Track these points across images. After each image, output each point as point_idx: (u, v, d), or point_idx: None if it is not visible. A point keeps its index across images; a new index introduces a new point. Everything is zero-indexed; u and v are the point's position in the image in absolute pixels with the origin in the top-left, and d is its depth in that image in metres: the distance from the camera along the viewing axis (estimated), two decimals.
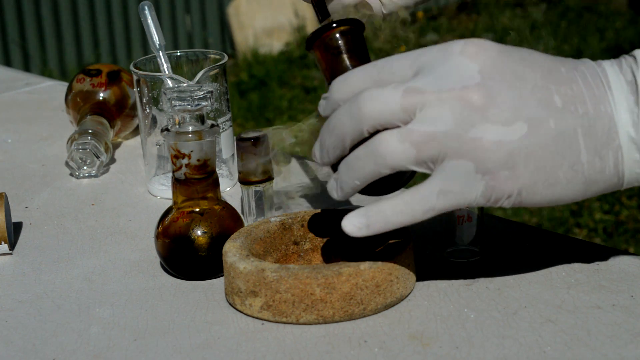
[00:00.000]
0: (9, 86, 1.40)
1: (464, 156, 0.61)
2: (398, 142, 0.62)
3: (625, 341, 0.64)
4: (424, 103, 0.61)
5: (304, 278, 0.68)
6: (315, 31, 0.72)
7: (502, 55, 0.63)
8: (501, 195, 0.62)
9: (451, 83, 0.61)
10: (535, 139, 0.61)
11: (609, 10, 5.07)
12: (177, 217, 0.77)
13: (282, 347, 0.66)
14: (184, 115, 0.75)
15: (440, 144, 0.61)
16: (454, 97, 0.61)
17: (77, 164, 1.01)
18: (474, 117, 0.61)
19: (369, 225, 0.64)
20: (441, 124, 0.61)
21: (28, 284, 0.79)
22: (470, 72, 0.62)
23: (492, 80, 0.62)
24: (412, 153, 0.62)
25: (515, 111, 0.61)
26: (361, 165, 0.63)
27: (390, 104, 0.62)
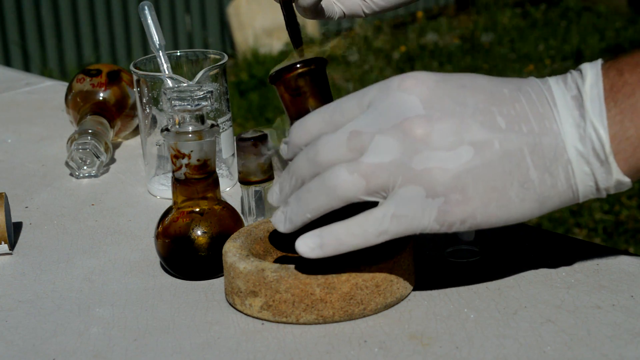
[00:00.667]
0: (9, 86, 1.40)
1: (414, 182, 0.63)
2: (347, 174, 0.63)
3: (625, 341, 0.64)
4: (368, 141, 0.63)
5: (304, 278, 0.68)
6: (277, 70, 0.74)
7: (440, 84, 0.64)
8: (454, 219, 0.63)
9: (392, 118, 0.63)
10: (481, 161, 0.62)
11: (609, 10, 5.08)
12: (177, 217, 0.77)
13: (282, 347, 0.66)
14: (184, 115, 0.75)
15: (388, 172, 0.63)
16: (396, 130, 0.63)
17: (77, 164, 1.01)
18: (417, 145, 0.62)
19: (322, 245, 0.65)
20: (387, 155, 0.63)
21: (28, 284, 0.79)
22: (409, 104, 0.63)
23: (431, 109, 0.63)
24: (361, 184, 0.63)
25: (457, 135, 0.62)
26: (312, 198, 0.65)
27: (340, 147, 0.64)
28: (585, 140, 0.62)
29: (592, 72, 0.63)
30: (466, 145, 0.62)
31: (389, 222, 0.64)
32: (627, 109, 0.62)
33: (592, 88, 0.63)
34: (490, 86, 0.64)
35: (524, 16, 5.20)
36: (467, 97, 0.63)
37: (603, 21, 4.90)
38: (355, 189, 0.63)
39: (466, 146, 0.62)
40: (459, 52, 4.49)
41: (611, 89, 0.62)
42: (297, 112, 0.72)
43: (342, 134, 0.64)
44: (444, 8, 5.50)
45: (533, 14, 5.19)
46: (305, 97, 0.73)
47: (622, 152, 0.62)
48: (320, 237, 0.65)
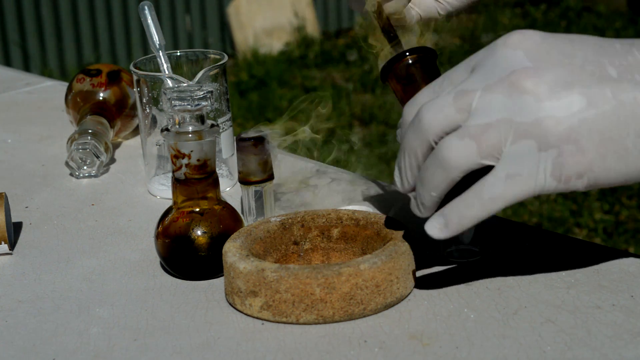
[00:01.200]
0: (9, 86, 1.40)
1: (525, 136, 0.61)
2: (458, 140, 0.62)
3: (625, 341, 0.64)
4: (475, 99, 0.62)
5: (304, 278, 0.68)
6: (387, 63, 0.74)
7: (547, 39, 0.63)
8: (571, 172, 0.61)
9: (498, 73, 0.62)
10: (594, 111, 0.60)
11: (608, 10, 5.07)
12: (177, 217, 0.77)
13: (282, 347, 0.66)
14: (184, 115, 0.75)
15: (498, 130, 0.61)
16: (502, 85, 0.61)
17: (77, 164, 1.01)
18: (526, 98, 0.61)
19: (447, 223, 0.64)
20: (495, 112, 0.61)
21: (28, 284, 0.79)
22: (515, 58, 0.62)
23: (539, 62, 0.61)
24: (473, 147, 0.62)
25: (567, 85, 0.61)
26: (431, 175, 0.64)
27: (445, 108, 0.63)
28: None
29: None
30: (577, 94, 0.60)
31: (504, 185, 0.62)
32: None
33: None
34: (600, 41, 0.62)
35: (524, 16, 5.20)
36: (575, 50, 0.62)
37: (603, 21, 4.90)
38: (468, 154, 0.62)
39: (577, 96, 0.60)
40: (459, 52, 4.49)
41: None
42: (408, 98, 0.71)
43: (448, 96, 0.63)
44: None
45: (533, 14, 5.19)
46: (417, 85, 0.73)
47: None
48: (442, 215, 0.64)
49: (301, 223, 0.78)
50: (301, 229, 0.78)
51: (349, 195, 0.93)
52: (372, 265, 0.69)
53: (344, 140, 0.91)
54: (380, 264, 0.69)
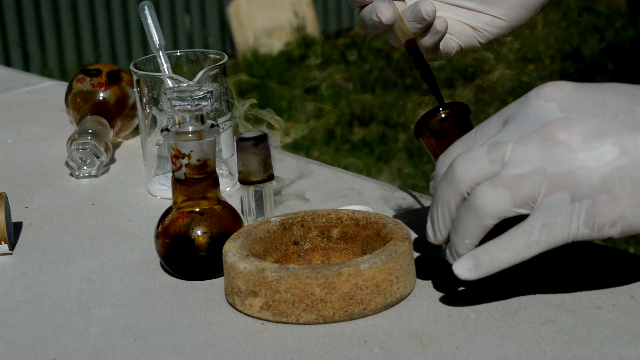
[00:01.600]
0: (9, 86, 1.40)
1: (559, 188, 0.62)
2: (492, 190, 0.63)
3: (625, 341, 0.64)
4: (508, 150, 0.63)
5: (304, 278, 0.68)
6: (420, 118, 0.76)
7: (578, 89, 0.63)
8: (604, 221, 0.62)
9: (532, 125, 0.63)
10: (627, 159, 0.61)
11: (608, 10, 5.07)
12: (177, 217, 0.77)
13: (282, 347, 0.66)
14: (184, 115, 0.75)
15: (532, 181, 0.62)
16: (536, 136, 0.62)
17: (77, 164, 1.01)
18: (559, 149, 0.62)
19: (477, 265, 0.65)
20: (528, 163, 0.62)
21: (28, 284, 0.79)
22: (547, 110, 0.63)
23: (571, 112, 0.62)
24: (507, 197, 0.63)
25: (599, 135, 0.61)
26: (464, 223, 0.64)
27: (478, 160, 0.64)
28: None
29: None
30: (609, 144, 0.61)
31: (539, 233, 0.63)
32: None
33: None
34: (631, 89, 0.63)
35: None
36: (607, 98, 0.63)
37: (603, 21, 4.90)
38: (502, 203, 0.63)
39: (610, 145, 0.61)
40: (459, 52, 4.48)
41: None
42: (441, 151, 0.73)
43: (482, 148, 0.64)
44: None
45: None
46: (450, 139, 0.74)
47: None
48: (474, 257, 0.65)
49: (301, 223, 0.78)
50: (301, 229, 0.78)
51: (348, 195, 0.93)
52: (372, 265, 0.69)
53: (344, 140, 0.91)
54: (380, 264, 0.69)
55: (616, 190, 0.61)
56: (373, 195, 0.92)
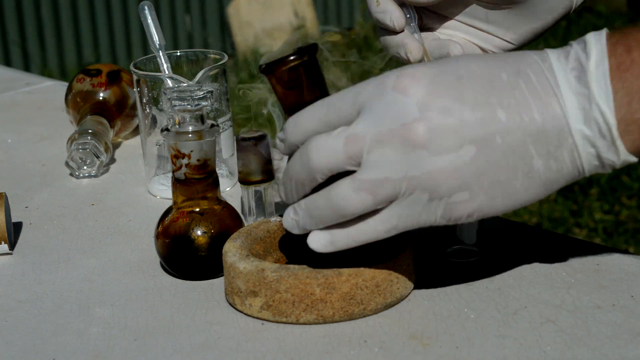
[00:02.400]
0: (9, 86, 1.40)
1: (418, 189, 0.62)
2: (354, 193, 0.63)
3: (625, 341, 0.64)
4: (366, 148, 0.63)
5: (304, 278, 0.68)
6: (268, 63, 0.71)
7: (436, 81, 0.62)
8: (460, 215, 0.63)
9: (389, 122, 0.62)
10: (484, 158, 0.61)
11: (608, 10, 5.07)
12: (177, 217, 0.77)
13: (282, 347, 0.66)
14: (184, 115, 0.75)
15: (393, 184, 0.62)
16: (394, 137, 0.62)
17: (77, 164, 1.01)
18: (417, 152, 0.62)
19: (333, 242, 0.66)
20: (388, 166, 0.62)
21: (28, 284, 0.79)
22: (406, 107, 0.62)
23: (429, 111, 0.62)
24: (369, 199, 0.63)
25: (458, 135, 0.61)
26: (322, 215, 0.65)
27: (336, 153, 0.63)
28: (590, 123, 0.60)
29: (597, 47, 0.61)
30: (467, 144, 0.61)
31: (397, 221, 0.64)
32: (635, 89, 0.59)
33: (598, 66, 0.60)
34: (487, 73, 0.62)
35: None
36: (464, 91, 0.62)
37: (603, 21, 4.90)
38: (364, 205, 0.63)
39: (467, 145, 0.61)
40: None
41: (618, 67, 0.60)
42: (292, 105, 0.70)
43: (338, 139, 0.63)
44: None
45: None
46: (299, 90, 0.71)
47: (629, 134, 0.60)
48: (331, 234, 0.66)
49: None
50: None
51: None
52: (372, 265, 0.69)
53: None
54: (380, 264, 0.69)
55: (473, 188, 0.62)
56: None
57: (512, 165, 0.62)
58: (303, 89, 0.70)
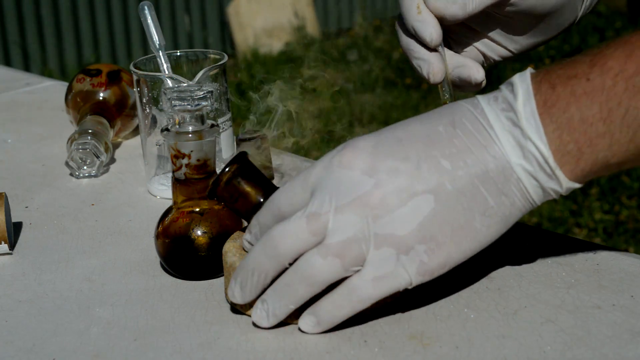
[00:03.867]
0: (9, 86, 1.40)
1: (384, 245, 0.64)
2: (321, 259, 0.64)
3: (625, 341, 0.64)
4: (329, 220, 0.64)
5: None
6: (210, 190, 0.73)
7: (377, 148, 0.65)
8: (434, 266, 0.64)
9: (344, 196, 0.64)
10: (440, 207, 0.64)
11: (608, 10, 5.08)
12: (177, 217, 0.77)
13: (282, 347, 0.66)
14: (184, 115, 0.75)
15: (358, 243, 0.64)
16: (353, 206, 0.64)
17: (77, 164, 1.01)
18: (376, 212, 0.64)
19: (319, 322, 0.67)
20: (352, 229, 0.64)
21: (28, 284, 0.79)
22: (355, 181, 0.64)
23: (378, 174, 0.64)
24: (337, 263, 0.64)
25: (410, 190, 0.64)
26: (293, 291, 0.66)
27: (300, 233, 0.65)
28: (529, 158, 0.64)
29: (522, 87, 0.64)
30: (421, 197, 0.64)
31: (372, 287, 0.64)
32: (563, 123, 0.63)
33: (525, 106, 0.63)
34: (424, 130, 0.65)
35: None
36: (407, 151, 0.65)
37: (603, 21, 4.90)
38: (333, 270, 0.64)
39: (422, 197, 0.64)
40: None
41: (545, 104, 0.63)
42: (249, 210, 0.72)
43: (300, 220, 0.65)
44: None
45: None
46: (245, 196, 0.72)
47: (566, 164, 0.63)
48: (314, 314, 0.67)
49: None
50: None
51: None
52: None
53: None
54: None
55: (438, 236, 0.64)
56: None
57: (468, 207, 0.64)
58: (248, 193, 0.72)
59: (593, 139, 0.62)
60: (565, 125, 0.62)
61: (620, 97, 0.61)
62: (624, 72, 0.61)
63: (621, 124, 0.61)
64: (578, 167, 0.63)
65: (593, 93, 0.62)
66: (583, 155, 0.63)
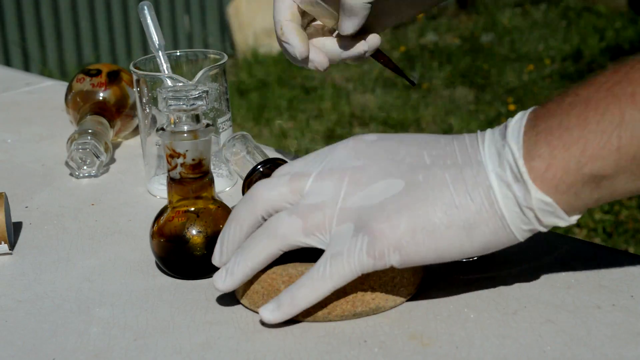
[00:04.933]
0: (9, 86, 1.41)
1: (346, 220, 0.66)
2: (287, 216, 0.67)
3: (625, 341, 0.64)
4: (307, 183, 0.68)
5: (271, 273, 0.69)
6: (245, 178, 0.79)
7: (379, 142, 0.69)
8: (383, 248, 0.65)
9: (329, 165, 0.68)
10: (406, 192, 0.66)
11: (608, 10, 5.08)
12: (172, 216, 0.77)
13: (282, 347, 0.66)
14: (180, 115, 0.75)
15: (323, 212, 0.67)
16: (333, 175, 0.67)
17: (77, 163, 1.02)
18: (350, 187, 0.67)
19: (279, 305, 0.68)
20: (322, 196, 0.67)
21: (28, 284, 0.79)
22: (347, 158, 0.68)
23: (367, 159, 0.68)
24: (299, 224, 0.67)
25: (386, 175, 0.66)
26: (255, 244, 0.68)
27: (279, 187, 0.68)
28: (503, 164, 0.64)
29: (520, 113, 0.66)
30: (391, 180, 0.66)
31: (330, 265, 0.66)
32: (542, 130, 0.64)
33: (516, 122, 0.65)
34: (427, 138, 0.69)
35: (524, 16, 5.20)
36: (401, 147, 0.68)
37: (603, 21, 4.91)
38: (293, 229, 0.67)
39: (392, 181, 0.66)
40: (459, 52, 4.49)
41: (534, 117, 0.65)
42: None
43: (283, 177, 0.69)
44: (444, 8, 5.50)
45: (533, 14, 5.19)
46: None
47: (534, 169, 0.63)
48: (276, 300, 0.68)
49: None
50: None
51: None
52: None
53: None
54: None
55: (393, 218, 0.65)
56: None
57: (432, 200, 0.65)
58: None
59: (567, 143, 0.62)
60: (543, 132, 0.64)
61: (597, 103, 0.62)
62: (607, 83, 0.62)
63: (596, 130, 0.62)
64: (548, 173, 0.63)
65: (576, 103, 0.63)
66: (555, 159, 0.63)
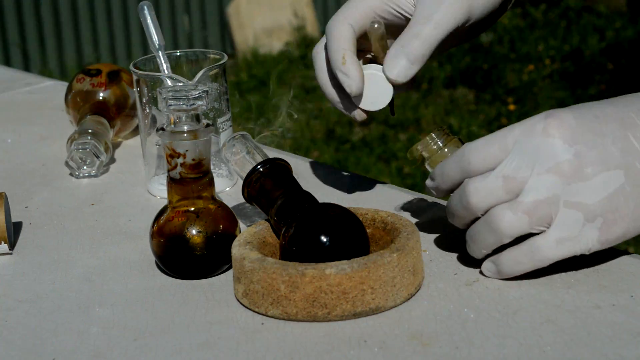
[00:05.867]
0: (8, 86, 1.41)
1: (572, 209, 0.70)
2: (512, 214, 0.70)
3: (625, 341, 0.64)
4: (524, 183, 0.70)
5: (270, 273, 0.69)
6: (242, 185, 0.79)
7: (578, 121, 0.70)
8: (614, 237, 0.70)
9: (543, 163, 0.70)
10: (628, 181, 0.69)
11: (608, 10, 5.07)
12: (172, 216, 0.77)
13: (282, 347, 0.66)
14: (180, 115, 0.75)
15: (548, 205, 0.69)
16: (550, 172, 0.70)
17: (77, 163, 1.01)
18: (570, 180, 0.69)
19: (499, 272, 0.73)
20: (544, 191, 0.69)
21: (28, 284, 0.79)
22: (556, 148, 0.70)
23: (577, 145, 0.70)
24: (525, 220, 0.70)
25: (604, 164, 0.69)
26: (483, 238, 0.72)
27: (495, 192, 0.71)
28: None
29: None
30: (612, 170, 0.69)
31: (554, 248, 0.70)
32: None
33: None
34: (618, 112, 0.71)
35: (524, 16, 5.20)
36: (603, 128, 0.70)
37: (603, 21, 4.90)
38: (521, 226, 0.70)
39: (612, 171, 0.69)
40: (459, 52, 4.49)
41: None
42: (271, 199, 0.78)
43: (496, 180, 0.70)
44: None
45: (533, 14, 5.19)
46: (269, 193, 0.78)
47: None
48: (495, 264, 0.73)
49: None
50: None
51: (347, 196, 0.93)
52: (339, 271, 0.68)
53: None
54: (349, 271, 0.68)
55: (622, 209, 0.69)
56: (372, 196, 0.92)
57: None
58: (270, 193, 0.78)
59: None
60: None
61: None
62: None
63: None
64: None
65: None
66: None
